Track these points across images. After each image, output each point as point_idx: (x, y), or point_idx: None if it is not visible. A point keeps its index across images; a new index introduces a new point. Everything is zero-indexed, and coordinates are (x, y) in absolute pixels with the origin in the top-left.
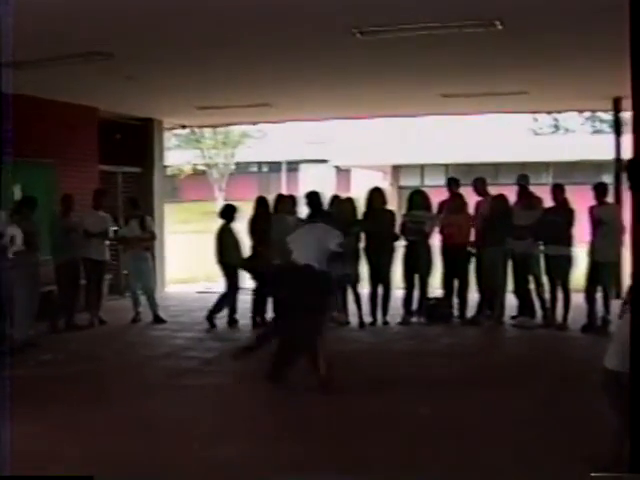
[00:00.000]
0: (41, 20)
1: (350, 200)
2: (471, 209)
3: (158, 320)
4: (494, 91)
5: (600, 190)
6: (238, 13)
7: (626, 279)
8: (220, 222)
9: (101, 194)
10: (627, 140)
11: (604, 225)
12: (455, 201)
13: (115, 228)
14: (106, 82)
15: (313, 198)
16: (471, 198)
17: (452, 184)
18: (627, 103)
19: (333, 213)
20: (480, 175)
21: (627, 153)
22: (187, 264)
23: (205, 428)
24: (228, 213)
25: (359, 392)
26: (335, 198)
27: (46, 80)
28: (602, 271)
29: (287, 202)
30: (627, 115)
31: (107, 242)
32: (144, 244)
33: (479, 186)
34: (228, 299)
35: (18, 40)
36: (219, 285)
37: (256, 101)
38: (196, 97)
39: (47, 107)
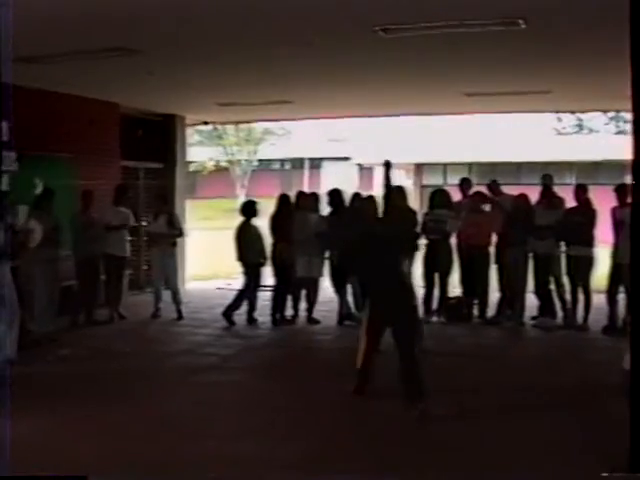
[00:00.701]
0: (63, 15)
1: (371, 198)
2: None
3: (180, 316)
4: (517, 90)
5: (622, 191)
6: (260, 10)
7: None
8: (240, 219)
9: (122, 190)
10: None
11: (626, 226)
12: (474, 201)
13: (136, 224)
14: (128, 78)
15: (335, 196)
16: None
17: (464, 184)
18: None
19: (354, 211)
20: (501, 175)
21: None
22: (208, 261)
23: (223, 425)
24: (248, 209)
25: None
26: (356, 196)
27: (68, 75)
28: (624, 273)
29: (308, 199)
30: None
31: (128, 237)
32: (171, 240)
33: (493, 187)
34: (246, 296)
35: (40, 35)
36: (239, 282)
37: (278, 98)
38: (218, 93)
39: (69, 102)
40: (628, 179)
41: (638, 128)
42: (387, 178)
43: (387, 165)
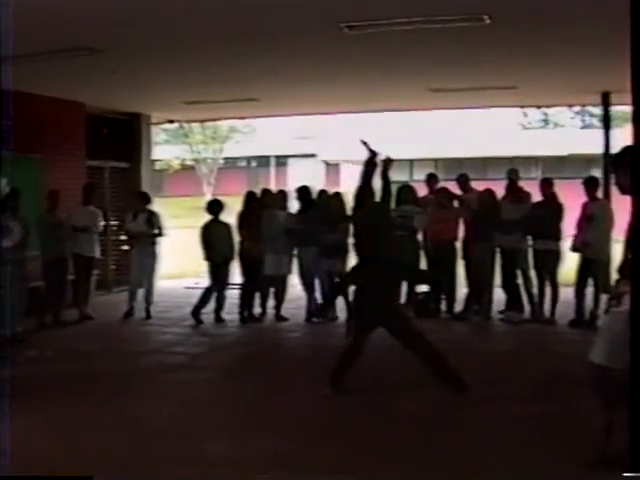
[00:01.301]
0: (27, 15)
1: (338, 195)
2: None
3: (149, 315)
4: (483, 86)
5: (591, 185)
6: (225, 7)
7: (614, 275)
8: (207, 217)
9: (90, 189)
10: (616, 134)
11: (595, 221)
12: (439, 196)
13: (111, 222)
14: (93, 77)
15: (303, 192)
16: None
17: (431, 180)
18: (616, 97)
19: (320, 208)
20: (468, 170)
21: (616, 147)
22: (176, 259)
23: (193, 424)
24: (214, 208)
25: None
26: (322, 193)
27: (33, 75)
28: (594, 267)
29: (274, 196)
30: (616, 109)
31: (97, 237)
32: (150, 239)
33: (463, 182)
34: (212, 294)
35: (3, 34)
36: (208, 280)
37: (244, 96)
38: (183, 92)
39: (34, 102)
40: (595, 172)
41: (638, 122)
42: (386, 175)
43: (388, 161)
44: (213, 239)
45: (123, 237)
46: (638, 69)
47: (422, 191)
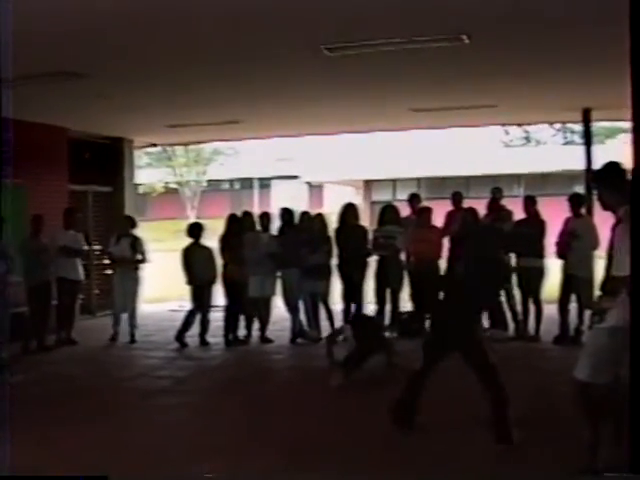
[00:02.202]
0: (9, 39)
1: (320, 216)
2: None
3: (133, 340)
4: (464, 105)
5: (575, 201)
6: (206, 31)
7: (596, 291)
8: (188, 241)
9: (71, 213)
10: (598, 150)
11: (578, 237)
12: (421, 216)
13: (95, 247)
14: (76, 101)
15: (285, 214)
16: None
17: (413, 200)
18: (597, 114)
19: (302, 229)
20: (451, 189)
21: (598, 163)
22: (159, 283)
23: (178, 448)
24: (194, 231)
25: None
26: (304, 214)
27: (14, 100)
28: (577, 283)
29: (250, 219)
30: (597, 126)
31: (81, 261)
32: (133, 264)
33: (457, 200)
34: (195, 317)
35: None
36: (190, 304)
37: (225, 118)
38: (166, 115)
39: (15, 127)
40: (577, 189)
41: (638, 136)
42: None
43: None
44: (194, 262)
45: (106, 261)
46: (638, 80)
47: (405, 211)
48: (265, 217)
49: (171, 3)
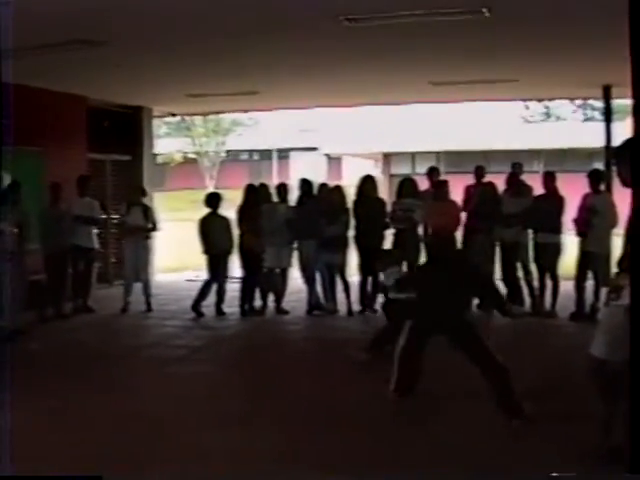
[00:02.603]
0: (28, 8)
1: (338, 188)
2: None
3: (150, 308)
4: (484, 79)
5: (595, 177)
6: (225, 0)
7: (614, 268)
8: (206, 210)
9: (85, 180)
10: (618, 127)
11: (597, 213)
12: (439, 189)
13: (104, 216)
14: (95, 70)
15: (304, 185)
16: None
17: (433, 173)
18: (617, 91)
19: (320, 201)
20: (470, 163)
21: (618, 140)
22: (177, 252)
23: (196, 417)
24: (212, 201)
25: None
26: (323, 186)
27: (35, 68)
28: (594, 260)
29: (266, 190)
30: (617, 102)
31: (95, 229)
32: (144, 233)
33: (479, 173)
34: (211, 287)
35: (6, 27)
36: (207, 273)
37: (245, 89)
38: (185, 85)
39: (35, 95)
40: (597, 165)
41: (638, 115)
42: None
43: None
44: (211, 232)
45: (115, 231)
46: (638, 61)
47: (424, 185)
48: (282, 188)
49: None
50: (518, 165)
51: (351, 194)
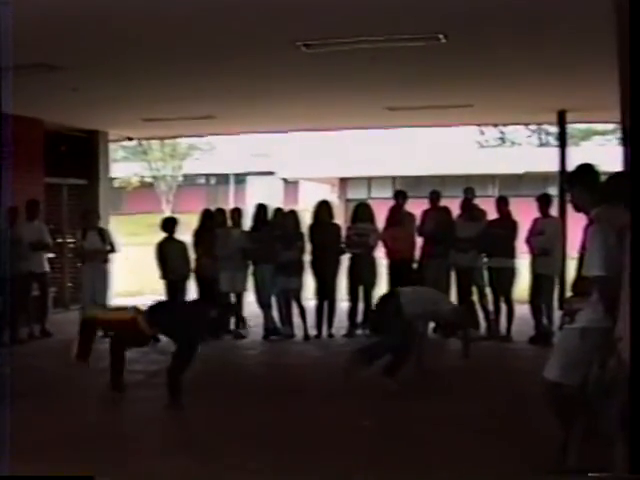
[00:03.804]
0: None
1: (293, 212)
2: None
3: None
4: (439, 104)
5: (544, 202)
6: (182, 25)
7: (567, 291)
8: (163, 235)
9: (34, 204)
10: (572, 152)
11: (545, 236)
12: (398, 214)
13: (59, 240)
14: (51, 94)
15: (259, 210)
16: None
17: (399, 197)
18: (571, 116)
19: (275, 226)
20: (426, 188)
21: (572, 165)
22: (134, 277)
23: (151, 442)
24: (168, 226)
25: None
26: (278, 211)
27: None
28: (542, 282)
29: (222, 215)
30: (572, 127)
31: (46, 254)
32: (102, 257)
33: (434, 198)
34: None
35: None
36: (164, 298)
37: (201, 113)
38: (141, 109)
39: None
40: (551, 190)
41: (635, 139)
42: None
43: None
44: (168, 257)
45: (72, 255)
46: (636, 82)
47: (379, 209)
48: (236, 213)
49: None
50: (470, 190)
51: (307, 219)
